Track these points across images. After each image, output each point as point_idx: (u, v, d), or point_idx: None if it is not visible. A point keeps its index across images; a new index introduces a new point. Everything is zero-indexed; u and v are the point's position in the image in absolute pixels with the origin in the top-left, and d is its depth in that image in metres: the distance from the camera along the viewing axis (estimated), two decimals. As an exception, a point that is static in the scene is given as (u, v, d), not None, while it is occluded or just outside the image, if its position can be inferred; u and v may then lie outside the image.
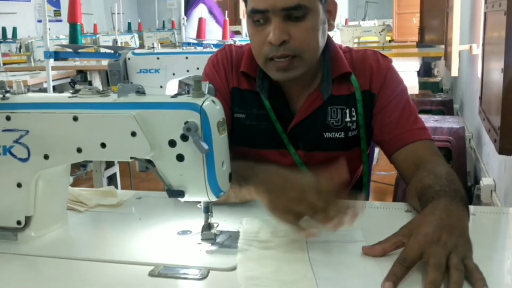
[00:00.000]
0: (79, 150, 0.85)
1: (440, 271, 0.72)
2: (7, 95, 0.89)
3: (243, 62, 1.17)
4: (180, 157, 0.81)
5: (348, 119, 1.16)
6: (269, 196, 0.88)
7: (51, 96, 0.90)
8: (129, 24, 7.97)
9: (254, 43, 1.09)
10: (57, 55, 2.18)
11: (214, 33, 4.53)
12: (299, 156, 1.17)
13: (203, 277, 0.77)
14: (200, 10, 4.57)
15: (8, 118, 0.87)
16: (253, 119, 1.17)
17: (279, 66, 1.06)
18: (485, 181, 2.39)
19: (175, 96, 0.82)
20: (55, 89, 3.26)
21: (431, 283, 0.71)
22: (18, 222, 0.91)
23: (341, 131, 1.16)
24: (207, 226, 0.87)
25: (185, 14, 4.26)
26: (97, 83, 4.31)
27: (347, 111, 1.15)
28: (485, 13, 1.86)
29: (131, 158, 0.83)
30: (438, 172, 0.97)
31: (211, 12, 4.58)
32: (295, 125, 1.16)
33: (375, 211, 1.05)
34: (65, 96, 0.87)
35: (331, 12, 1.11)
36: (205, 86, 0.82)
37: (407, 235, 0.80)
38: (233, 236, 0.89)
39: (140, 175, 3.43)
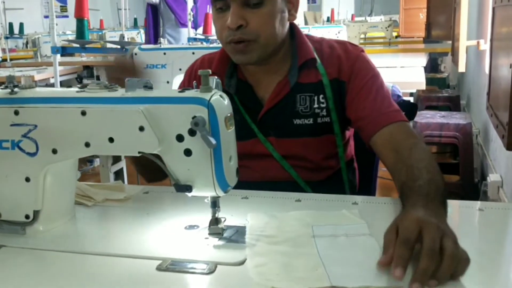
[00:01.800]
0: (87, 145, 0.85)
1: (434, 257, 0.70)
2: (16, 89, 0.89)
3: (214, 65, 1.25)
4: (187, 152, 0.81)
5: (316, 105, 1.20)
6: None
7: (59, 91, 0.91)
8: (135, 19, 7.98)
9: (216, 28, 1.16)
10: (64, 50, 2.18)
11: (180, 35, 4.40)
12: (270, 143, 1.22)
13: (211, 272, 0.77)
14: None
15: (16, 113, 0.88)
16: None
17: (236, 49, 1.13)
18: (492, 177, 2.38)
19: (182, 90, 0.82)
20: (61, 84, 3.26)
21: (423, 271, 0.69)
22: (27, 216, 0.91)
23: (310, 117, 1.21)
24: (215, 221, 0.87)
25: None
26: (103, 78, 4.32)
27: (315, 98, 1.20)
28: (493, 8, 1.85)
29: (139, 152, 0.83)
30: (411, 163, 0.98)
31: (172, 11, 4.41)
32: (264, 113, 1.21)
33: (382, 206, 1.05)
34: (73, 91, 0.87)
35: (293, 3, 1.17)
36: (213, 80, 0.82)
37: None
38: (240, 231, 0.89)
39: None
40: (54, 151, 0.87)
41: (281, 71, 1.21)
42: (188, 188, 0.84)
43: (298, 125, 1.20)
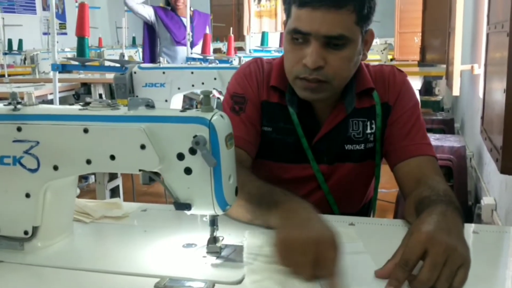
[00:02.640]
0: (88, 162, 0.86)
1: (436, 272, 0.73)
2: (19, 106, 0.91)
3: (273, 77, 1.19)
4: (188, 170, 0.82)
5: (368, 131, 1.19)
6: (280, 223, 0.87)
7: (62, 108, 0.92)
8: (134, 38, 8.03)
9: (288, 59, 1.11)
10: (64, 68, 2.21)
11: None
12: (321, 174, 1.19)
13: (209, 290, 0.77)
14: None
15: (19, 129, 0.89)
16: (279, 132, 1.19)
17: (307, 87, 1.09)
18: (486, 200, 2.39)
19: (184, 110, 0.84)
20: (59, 101, 3.28)
21: (421, 282, 0.72)
22: (25, 232, 0.91)
23: (361, 143, 1.19)
24: (213, 240, 0.88)
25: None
26: (106, 96, 4.33)
27: (368, 123, 1.18)
28: (487, 34, 1.89)
29: (140, 170, 0.84)
30: (436, 187, 0.99)
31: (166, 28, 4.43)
32: (320, 138, 1.18)
33: (379, 227, 1.06)
34: (75, 109, 0.88)
35: (367, 42, 1.13)
36: (214, 101, 0.84)
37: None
38: (238, 250, 0.90)
39: (141, 188, 3.44)
40: (55, 168, 0.88)
41: (337, 95, 1.17)
42: (188, 207, 0.85)
43: (349, 150, 1.18)
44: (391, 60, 7.07)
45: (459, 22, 2.92)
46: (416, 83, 4.31)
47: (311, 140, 1.18)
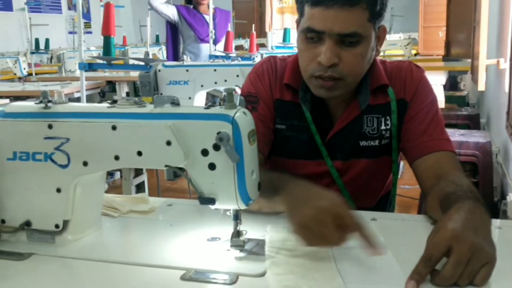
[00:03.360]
0: (116, 158, 0.89)
1: (459, 270, 0.73)
2: (49, 104, 0.94)
3: (287, 74, 1.21)
4: (212, 166, 0.85)
5: (383, 127, 1.19)
6: (290, 208, 0.90)
7: (90, 106, 0.95)
8: (157, 36, 8.12)
9: (302, 58, 1.12)
10: (90, 67, 2.26)
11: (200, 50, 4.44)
12: (336, 169, 1.20)
13: (233, 282, 0.79)
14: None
15: (50, 127, 0.92)
16: (293, 130, 1.21)
17: (323, 85, 1.10)
18: (511, 197, 2.35)
19: (208, 107, 0.86)
20: (85, 99, 3.35)
21: (444, 279, 0.73)
22: (56, 226, 0.95)
23: (376, 139, 1.19)
24: (236, 233, 0.90)
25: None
26: (123, 94, 4.40)
27: (383, 119, 1.19)
28: (512, 28, 1.86)
29: (166, 166, 0.87)
30: (459, 182, 0.99)
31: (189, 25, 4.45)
32: (333, 135, 1.19)
33: (401, 222, 1.06)
34: (104, 106, 0.91)
35: (380, 38, 1.14)
36: (237, 98, 0.86)
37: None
38: (261, 244, 0.92)
39: (165, 184, 3.49)
40: (85, 164, 0.91)
41: (351, 92, 1.18)
42: (212, 201, 0.87)
43: (363, 147, 1.19)
44: (415, 55, 6.98)
45: (485, 16, 2.88)
46: (440, 78, 4.25)
47: (325, 137, 1.19)
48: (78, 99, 3.29)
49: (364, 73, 1.14)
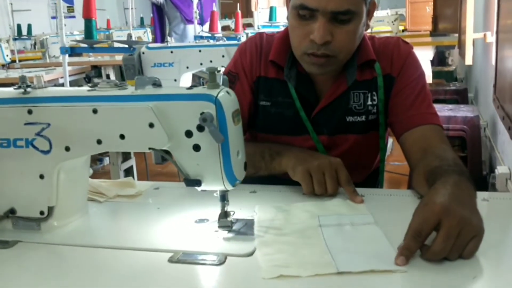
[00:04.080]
0: (99, 142, 0.87)
1: (449, 244, 0.73)
2: (28, 89, 0.92)
3: (272, 51, 1.20)
4: (196, 147, 0.84)
5: (369, 102, 1.19)
6: (295, 161, 1.07)
7: (71, 90, 0.93)
8: (142, 18, 8.00)
9: (294, 35, 1.11)
10: (73, 51, 2.22)
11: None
12: (322, 144, 1.20)
13: (221, 263, 0.79)
14: None
15: (30, 112, 0.90)
16: (278, 106, 1.21)
17: (315, 62, 1.10)
18: (500, 170, 2.37)
19: (190, 88, 0.84)
20: (70, 84, 3.31)
21: (434, 253, 0.73)
22: (41, 213, 0.94)
23: (363, 115, 1.19)
24: (224, 214, 0.89)
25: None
26: (112, 77, 4.36)
27: (369, 95, 1.19)
28: (498, 0, 1.85)
29: (149, 148, 0.86)
30: (444, 156, 1.00)
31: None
32: (319, 110, 1.19)
33: (389, 198, 1.07)
34: (84, 90, 0.89)
35: (370, 13, 1.13)
36: (220, 77, 0.84)
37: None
38: (249, 224, 0.91)
39: (155, 168, 3.47)
40: (67, 149, 0.90)
41: (340, 67, 1.18)
42: (198, 183, 0.86)
43: (350, 122, 1.19)
44: (403, 31, 6.97)
45: (471, -11, 2.86)
46: (428, 54, 4.25)
47: (311, 113, 1.19)
48: (63, 85, 3.25)
49: (355, 49, 1.14)
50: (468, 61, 2.99)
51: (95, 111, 0.86)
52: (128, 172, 2.18)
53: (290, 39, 1.14)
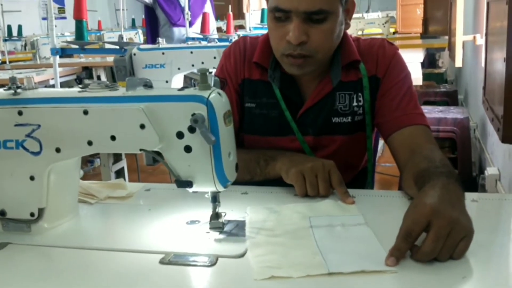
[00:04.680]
0: (89, 143, 0.87)
1: (439, 244, 0.74)
2: (19, 90, 0.91)
3: (256, 53, 1.21)
4: (187, 149, 0.84)
5: (355, 103, 1.20)
6: (289, 164, 1.08)
7: (61, 91, 0.93)
8: (133, 20, 7.98)
9: (272, 37, 1.13)
10: (63, 52, 2.21)
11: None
12: (307, 144, 1.21)
13: (212, 264, 0.79)
14: None
15: (20, 113, 0.90)
16: (263, 108, 1.22)
17: (294, 63, 1.11)
18: (489, 171, 2.40)
19: (182, 89, 0.84)
20: (61, 85, 3.29)
21: (424, 254, 0.74)
22: (32, 214, 0.93)
23: (348, 116, 1.20)
24: (215, 216, 0.89)
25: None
26: (103, 79, 4.33)
27: (355, 96, 1.20)
28: (487, 3, 1.87)
29: (140, 150, 0.86)
30: (432, 157, 1.00)
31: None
32: (305, 111, 1.20)
33: (379, 199, 1.07)
34: (75, 91, 0.89)
35: (349, 11, 1.14)
36: (211, 78, 0.84)
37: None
38: (240, 225, 0.91)
39: (147, 169, 3.46)
40: (58, 150, 0.89)
41: (323, 68, 1.19)
42: (189, 184, 0.86)
43: (336, 123, 1.20)
44: (394, 33, 7.01)
45: (461, -8, 2.88)
46: (418, 56, 4.27)
47: (296, 113, 1.20)
48: (53, 86, 3.23)
49: (334, 48, 1.15)
50: (458, 63, 3.02)
51: (85, 112, 0.86)
52: (119, 173, 2.18)
53: (270, 42, 1.16)
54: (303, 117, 1.20)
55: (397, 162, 1.16)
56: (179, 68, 2.25)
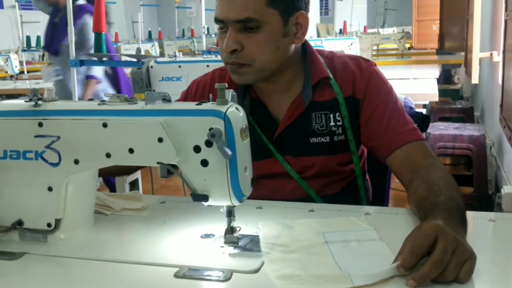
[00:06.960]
0: (108, 155, 0.88)
1: (446, 257, 0.73)
2: (39, 102, 0.93)
3: (226, 81, 1.22)
4: (204, 163, 0.84)
5: (332, 123, 1.19)
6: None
7: (81, 104, 0.94)
8: (150, 32, 8.10)
9: (219, 47, 1.17)
10: (82, 64, 2.24)
11: None
12: (288, 163, 1.21)
13: (227, 279, 0.79)
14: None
15: (40, 125, 0.91)
16: None
17: (232, 70, 1.14)
18: (506, 189, 2.36)
19: (199, 103, 0.85)
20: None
21: (422, 277, 0.72)
22: (49, 225, 0.94)
23: (326, 136, 1.20)
24: (230, 230, 0.89)
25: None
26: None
27: (331, 115, 1.19)
28: (505, 21, 1.86)
29: (158, 163, 0.86)
30: (431, 179, 0.99)
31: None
32: (280, 132, 1.20)
33: (395, 217, 1.06)
34: (94, 104, 0.90)
35: (301, 26, 1.15)
36: (229, 93, 0.85)
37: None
38: (255, 240, 0.91)
39: (160, 181, 3.47)
40: (76, 162, 0.90)
41: (294, 89, 1.20)
42: (205, 198, 0.86)
43: (314, 143, 1.19)
44: (409, 48, 7.00)
45: (478, 9, 2.88)
46: (434, 72, 4.26)
47: (273, 136, 1.21)
48: (71, 97, 3.26)
49: (277, 60, 1.14)
50: (475, 80, 3.00)
51: (105, 125, 0.87)
52: (134, 184, 2.18)
53: None
54: (280, 139, 1.21)
55: (401, 182, 1.14)
56: (195, 81, 2.26)
